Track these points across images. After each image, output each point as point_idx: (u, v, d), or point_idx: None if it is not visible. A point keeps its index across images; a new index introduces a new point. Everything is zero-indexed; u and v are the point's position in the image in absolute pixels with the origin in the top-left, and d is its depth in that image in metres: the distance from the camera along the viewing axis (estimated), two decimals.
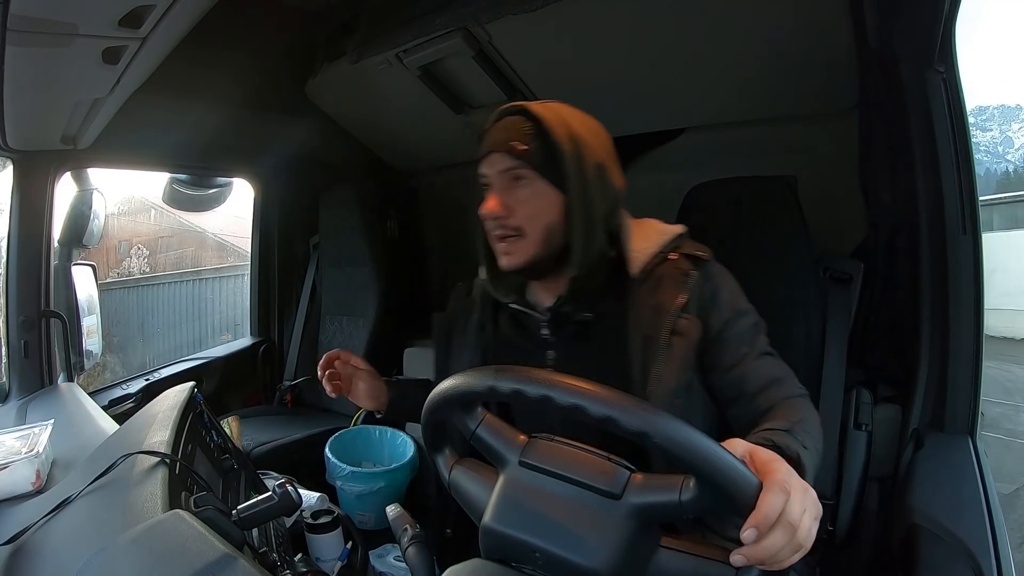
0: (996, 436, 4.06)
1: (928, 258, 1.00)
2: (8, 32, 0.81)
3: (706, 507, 0.50)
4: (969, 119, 0.99)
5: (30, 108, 1.22)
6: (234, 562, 0.55)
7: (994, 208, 8.43)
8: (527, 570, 0.54)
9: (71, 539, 0.69)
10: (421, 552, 0.68)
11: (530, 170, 0.79)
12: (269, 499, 0.72)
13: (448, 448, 0.67)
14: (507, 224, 0.81)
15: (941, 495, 0.83)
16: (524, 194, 0.80)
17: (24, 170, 1.56)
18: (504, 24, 1.34)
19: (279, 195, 2.35)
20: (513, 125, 0.81)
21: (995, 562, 0.69)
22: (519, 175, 0.80)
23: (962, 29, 0.92)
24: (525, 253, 0.81)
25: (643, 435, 0.48)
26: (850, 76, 1.21)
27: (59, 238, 1.70)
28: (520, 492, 0.56)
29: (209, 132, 1.87)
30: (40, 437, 1.01)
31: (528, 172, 0.79)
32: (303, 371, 2.33)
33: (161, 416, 0.90)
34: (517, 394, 0.54)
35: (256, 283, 2.41)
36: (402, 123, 2.02)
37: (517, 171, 0.80)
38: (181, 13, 0.85)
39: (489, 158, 0.83)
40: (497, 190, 0.82)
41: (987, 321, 0.97)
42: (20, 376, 1.57)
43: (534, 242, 0.81)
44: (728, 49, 1.26)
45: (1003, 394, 5.11)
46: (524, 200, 0.80)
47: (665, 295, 0.79)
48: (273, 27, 1.74)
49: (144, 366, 2.55)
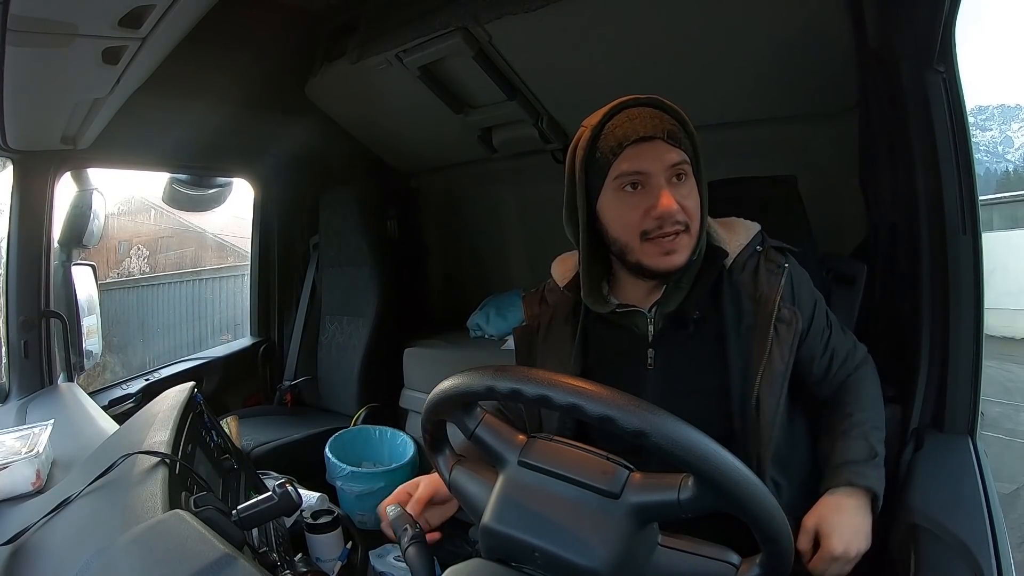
0: (996, 436, 4.06)
1: (928, 258, 1.00)
2: (8, 32, 0.81)
3: (705, 506, 0.50)
4: (969, 119, 0.99)
5: (30, 108, 1.22)
6: (234, 562, 0.55)
7: (994, 208, 8.44)
8: (527, 570, 0.54)
9: (71, 539, 0.69)
10: (421, 552, 0.68)
11: (689, 164, 0.79)
12: (269, 499, 0.72)
13: (448, 448, 0.67)
14: (679, 220, 0.77)
15: (941, 495, 0.83)
16: (688, 188, 0.79)
17: (24, 170, 1.56)
18: (504, 24, 1.35)
19: (279, 195, 2.36)
20: (659, 118, 0.78)
21: (995, 562, 0.69)
22: (683, 170, 0.78)
23: (962, 29, 0.92)
24: (688, 249, 0.79)
25: (641, 434, 0.48)
26: (850, 76, 1.21)
27: (59, 238, 1.71)
28: (519, 492, 0.56)
29: (209, 132, 1.87)
30: (40, 437, 1.01)
31: (688, 167, 0.79)
32: (303, 371, 2.34)
33: (161, 416, 0.90)
34: (515, 394, 0.54)
35: (256, 283, 2.41)
36: (402, 123, 2.02)
37: (683, 166, 0.78)
38: (181, 13, 0.85)
39: (649, 151, 0.77)
40: (665, 185, 0.78)
41: (987, 321, 0.97)
42: (20, 376, 1.57)
43: (695, 236, 0.80)
44: (728, 49, 1.26)
45: (1003, 394, 5.11)
46: (688, 195, 0.79)
47: (764, 286, 0.82)
48: (273, 27, 1.74)
49: (144, 366, 2.55)
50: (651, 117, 0.78)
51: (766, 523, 0.49)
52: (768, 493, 0.49)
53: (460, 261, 2.55)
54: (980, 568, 0.68)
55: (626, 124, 0.78)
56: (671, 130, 0.77)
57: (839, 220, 1.38)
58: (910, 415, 1.00)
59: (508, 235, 2.32)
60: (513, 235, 2.30)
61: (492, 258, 2.42)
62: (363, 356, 2.14)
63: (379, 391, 2.15)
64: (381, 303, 2.17)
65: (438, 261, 2.60)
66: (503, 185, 2.22)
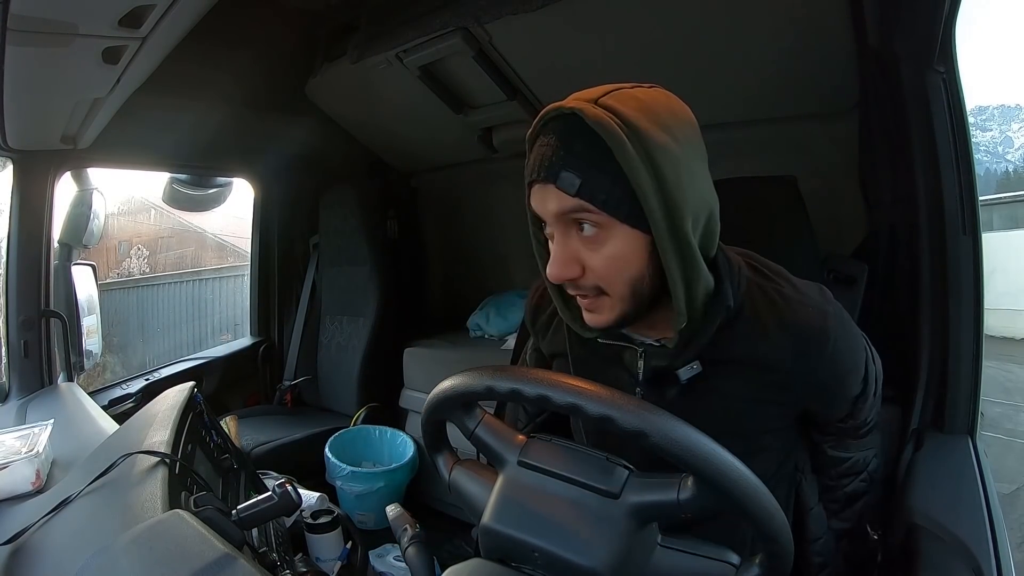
0: (996, 436, 4.06)
1: (928, 258, 1.00)
2: (8, 32, 0.81)
3: (705, 506, 0.50)
4: (969, 119, 0.99)
5: (30, 108, 1.22)
6: (234, 562, 0.55)
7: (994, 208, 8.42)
8: (527, 570, 0.54)
9: (71, 539, 0.69)
10: (421, 552, 0.68)
11: (597, 211, 0.57)
12: (269, 499, 0.72)
13: (448, 448, 0.67)
14: (582, 285, 0.62)
15: (941, 495, 0.83)
16: (597, 243, 0.59)
17: (24, 170, 1.56)
18: (504, 24, 1.34)
19: (279, 195, 2.36)
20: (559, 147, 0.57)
21: (995, 562, 0.69)
22: (584, 219, 0.58)
23: (962, 29, 0.92)
24: (612, 312, 0.62)
25: (641, 434, 0.48)
26: (850, 76, 1.21)
27: (59, 238, 1.71)
28: (519, 492, 0.56)
29: (209, 132, 1.87)
30: (40, 437, 1.01)
31: (596, 216, 0.58)
32: (303, 371, 2.34)
33: (161, 416, 0.90)
34: (515, 394, 0.54)
35: (256, 283, 2.41)
36: (402, 123, 2.02)
37: (580, 215, 0.58)
38: (181, 13, 0.85)
39: (543, 193, 0.59)
40: (558, 240, 0.61)
41: (987, 321, 0.97)
42: (20, 376, 1.57)
43: (620, 299, 0.61)
44: (728, 49, 1.26)
45: (1003, 394, 5.10)
46: (596, 251, 0.59)
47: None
48: (273, 27, 1.74)
49: (144, 366, 2.55)
50: (552, 147, 0.58)
51: (766, 523, 0.49)
52: (768, 493, 0.49)
53: (460, 261, 2.55)
54: (980, 568, 0.68)
55: (536, 153, 0.60)
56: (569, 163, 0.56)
57: (839, 220, 1.38)
58: (910, 415, 1.00)
59: (508, 235, 2.32)
60: (513, 235, 2.30)
61: (492, 258, 2.42)
62: (363, 356, 2.14)
63: (379, 391, 2.15)
64: (381, 303, 2.17)
65: (438, 261, 2.60)
66: (503, 185, 2.22)
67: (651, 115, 0.57)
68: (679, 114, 0.61)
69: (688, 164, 0.58)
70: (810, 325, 0.64)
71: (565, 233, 0.60)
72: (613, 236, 0.59)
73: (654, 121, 0.57)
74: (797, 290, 0.66)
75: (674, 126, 0.58)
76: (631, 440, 0.49)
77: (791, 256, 1.10)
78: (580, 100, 0.58)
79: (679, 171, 0.57)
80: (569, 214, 0.59)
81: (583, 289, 0.62)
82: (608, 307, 0.62)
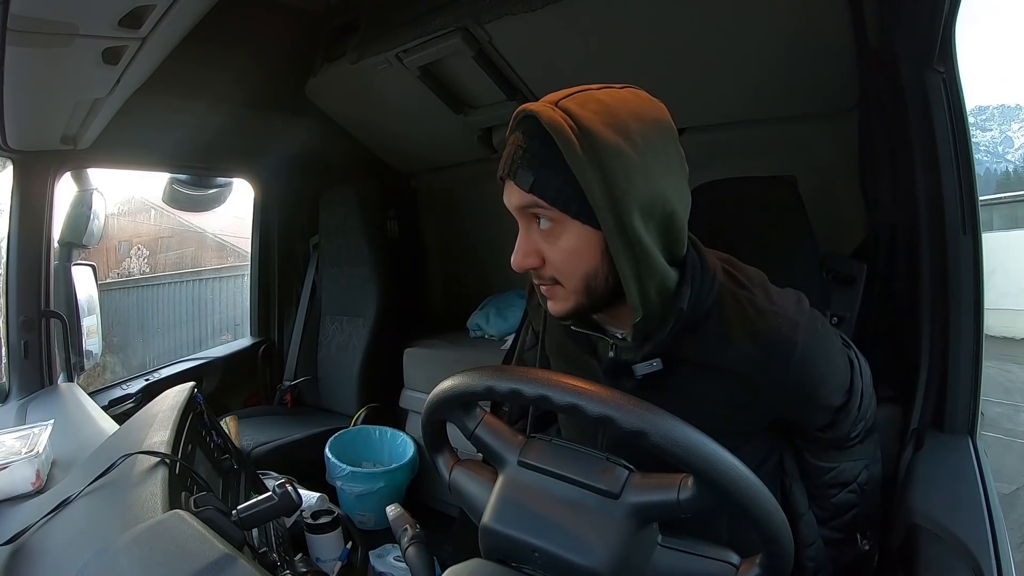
0: (996, 436, 4.06)
1: (928, 258, 1.00)
2: (8, 32, 0.81)
3: (705, 506, 0.50)
4: (969, 119, 0.99)
5: (30, 108, 1.22)
6: (234, 562, 0.55)
7: (994, 208, 8.41)
8: (527, 570, 0.54)
9: (71, 539, 0.69)
10: (421, 552, 0.68)
11: (549, 207, 0.62)
12: (269, 499, 0.72)
13: (448, 448, 0.67)
14: (542, 275, 0.67)
15: (941, 495, 0.83)
16: (552, 237, 0.64)
17: (24, 170, 1.56)
18: (504, 24, 1.34)
19: (279, 195, 2.36)
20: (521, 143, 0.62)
21: (995, 562, 0.69)
22: (539, 214, 0.64)
23: (962, 29, 0.92)
24: (567, 301, 0.66)
25: (641, 434, 0.48)
26: (850, 76, 1.21)
27: (59, 238, 1.71)
28: (519, 492, 0.56)
29: (209, 132, 1.87)
30: (40, 437, 1.01)
31: (549, 212, 0.62)
32: (303, 371, 2.34)
33: (161, 416, 0.90)
34: (515, 394, 0.54)
35: (256, 283, 2.41)
36: (402, 123, 2.02)
37: (536, 210, 0.63)
38: (181, 13, 0.85)
39: (505, 186, 0.66)
40: (521, 232, 0.66)
41: (987, 321, 0.97)
42: (20, 376, 1.57)
43: (574, 291, 0.65)
44: (728, 49, 1.26)
45: (1003, 394, 5.10)
46: (552, 245, 0.64)
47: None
48: (273, 27, 1.74)
49: (144, 366, 2.55)
50: (515, 146, 0.63)
51: (766, 523, 0.49)
52: (768, 493, 0.49)
53: (460, 261, 2.55)
54: (980, 568, 0.68)
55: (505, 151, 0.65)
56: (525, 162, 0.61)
57: (839, 220, 1.38)
58: (910, 415, 1.00)
59: (508, 235, 2.29)
60: (513, 235, 2.29)
61: (492, 258, 2.42)
62: (363, 356, 2.15)
63: (379, 391, 2.15)
64: (381, 303, 2.17)
65: (438, 261, 2.60)
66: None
67: (608, 117, 0.59)
68: (644, 116, 0.62)
69: (643, 164, 0.60)
70: (778, 335, 0.65)
71: (527, 226, 0.66)
72: (566, 231, 0.63)
73: (609, 123, 0.59)
74: (770, 299, 0.68)
75: (633, 127, 0.60)
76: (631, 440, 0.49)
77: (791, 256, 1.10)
78: (546, 102, 0.62)
79: (630, 171, 0.59)
80: (527, 208, 0.64)
81: (542, 279, 0.67)
82: (563, 297, 0.67)
